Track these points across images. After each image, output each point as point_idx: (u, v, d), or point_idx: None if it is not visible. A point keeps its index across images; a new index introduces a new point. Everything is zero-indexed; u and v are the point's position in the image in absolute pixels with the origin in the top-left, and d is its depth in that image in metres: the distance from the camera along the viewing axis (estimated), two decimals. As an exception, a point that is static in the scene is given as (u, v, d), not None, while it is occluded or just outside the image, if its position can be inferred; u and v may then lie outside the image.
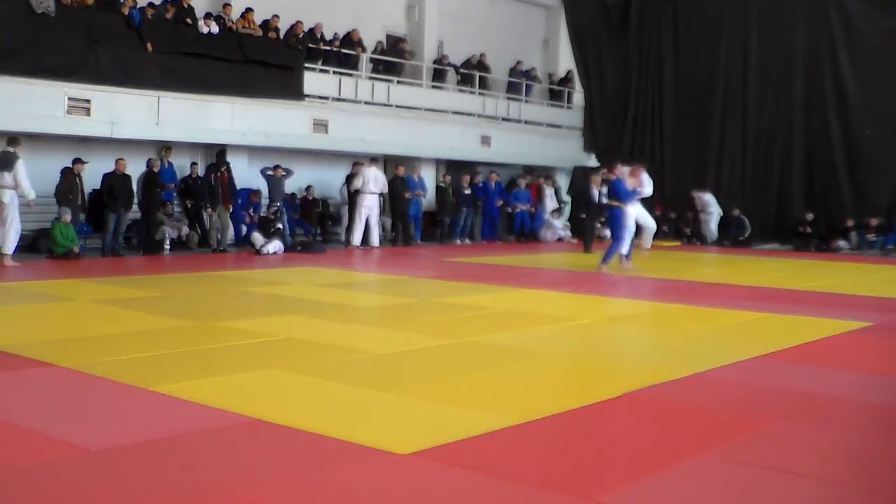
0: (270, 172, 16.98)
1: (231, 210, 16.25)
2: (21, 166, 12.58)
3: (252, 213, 16.33)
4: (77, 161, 14.24)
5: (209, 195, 15.99)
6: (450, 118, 21.17)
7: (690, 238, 22.16)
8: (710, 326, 8.62)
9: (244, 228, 16.38)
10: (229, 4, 17.28)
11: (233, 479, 3.87)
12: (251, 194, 16.51)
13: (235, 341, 7.04)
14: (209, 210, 16.12)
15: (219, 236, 16.16)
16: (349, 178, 18.10)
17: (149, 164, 15.31)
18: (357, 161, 18.19)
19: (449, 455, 4.20)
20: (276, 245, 15.84)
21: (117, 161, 14.68)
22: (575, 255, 17.48)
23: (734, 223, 21.62)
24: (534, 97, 24.42)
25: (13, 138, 12.98)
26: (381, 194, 18.00)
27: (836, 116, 21.36)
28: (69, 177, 14.15)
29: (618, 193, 13.81)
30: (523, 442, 4.55)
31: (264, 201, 16.78)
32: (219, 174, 16.14)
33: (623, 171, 14.53)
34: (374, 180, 17.61)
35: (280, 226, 16.18)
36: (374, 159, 17.98)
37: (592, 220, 18.50)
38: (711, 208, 21.97)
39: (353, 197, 17.75)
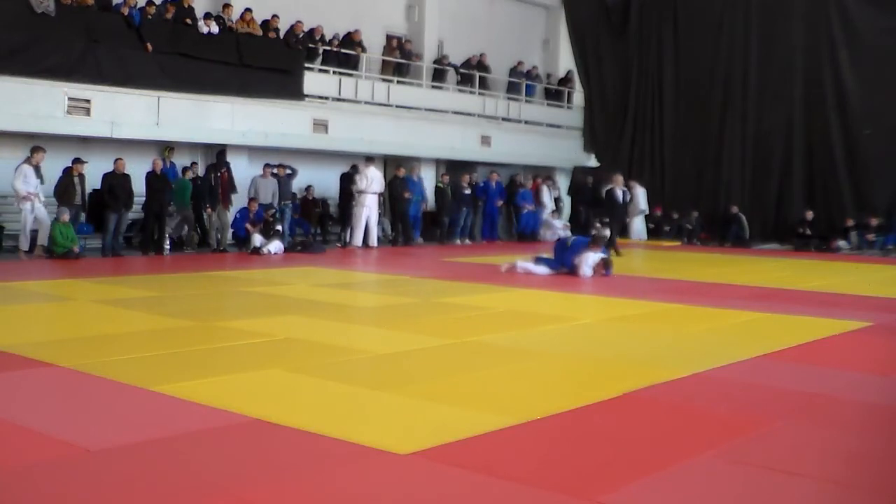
0: (274, 171, 16.94)
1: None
2: (20, 171, 13.35)
3: (253, 222, 16.18)
4: (77, 161, 14.25)
5: (209, 195, 15.98)
6: (450, 118, 21.17)
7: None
8: (710, 326, 8.62)
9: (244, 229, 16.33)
10: (229, 4, 17.29)
11: (233, 479, 3.87)
12: (249, 202, 16.33)
13: (235, 341, 7.04)
14: (209, 210, 16.12)
15: (219, 236, 16.15)
16: (345, 178, 18.09)
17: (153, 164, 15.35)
18: (354, 163, 18.20)
19: (449, 455, 4.20)
20: (276, 245, 15.82)
21: (116, 161, 14.67)
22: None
23: (734, 221, 21.58)
24: (534, 97, 24.42)
25: (35, 147, 13.61)
26: (380, 194, 18.02)
27: (836, 116, 21.37)
28: (67, 176, 14.16)
29: None
30: (523, 442, 4.55)
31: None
32: (219, 174, 16.14)
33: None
34: (376, 180, 17.62)
35: (279, 228, 16.12)
36: (370, 159, 17.99)
37: (616, 221, 17.77)
38: (633, 204, 21.19)
39: (351, 197, 17.73)
